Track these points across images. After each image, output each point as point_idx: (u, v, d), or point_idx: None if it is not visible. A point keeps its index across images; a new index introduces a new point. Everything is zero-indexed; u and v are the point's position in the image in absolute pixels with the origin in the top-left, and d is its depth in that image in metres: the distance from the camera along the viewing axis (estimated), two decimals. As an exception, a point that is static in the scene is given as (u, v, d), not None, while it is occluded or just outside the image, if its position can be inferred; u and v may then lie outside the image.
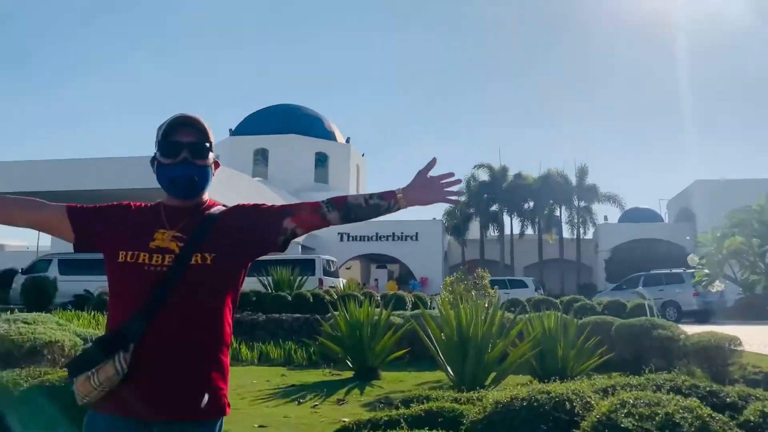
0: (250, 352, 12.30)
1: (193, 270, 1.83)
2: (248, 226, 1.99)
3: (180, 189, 1.94)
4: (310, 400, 7.80)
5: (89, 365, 1.73)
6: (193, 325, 1.82)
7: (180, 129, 1.93)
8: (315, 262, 20.42)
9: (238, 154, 41.64)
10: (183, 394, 1.80)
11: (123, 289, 1.86)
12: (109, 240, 1.91)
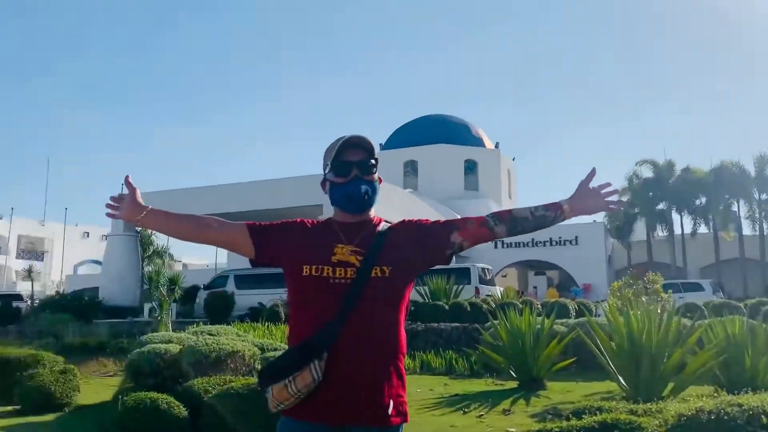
0: (411, 361, 12.49)
1: (373, 282, 1.93)
2: (418, 240, 2.08)
3: (355, 204, 2.06)
4: (475, 409, 7.75)
5: (284, 373, 1.85)
6: (376, 335, 1.92)
7: (349, 149, 2.06)
8: (470, 270, 20.29)
9: (388, 167, 42.72)
10: (372, 401, 1.89)
11: (309, 301, 1.97)
12: (290, 255, 2.04)
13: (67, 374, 8.87)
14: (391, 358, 1.96)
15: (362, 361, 1.89)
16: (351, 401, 1.88)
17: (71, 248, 55.30)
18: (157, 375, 7.13)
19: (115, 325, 17.82)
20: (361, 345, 1.89)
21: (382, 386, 1.91)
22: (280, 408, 1.89)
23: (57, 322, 18.65)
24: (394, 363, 1.98)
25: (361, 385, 1.89)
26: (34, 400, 8.16)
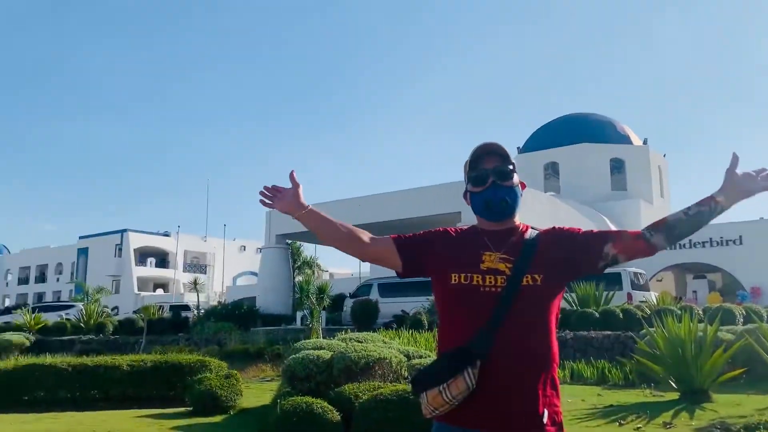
0: (561, 370, 12.08)
1: (524, 290, 1.91)
2: (569, 249, 2.03)
3: (495, 211, 2.05)
4: (632, 421, 7.33)
5: (437, 380, 1.86)
6: (529, 343, 1.89)
7: (484, 157, 2.08)
8: (621, 275, 19.20)
9: (527, 171, 41.63)
10: (526, 410, 1.87)
11: (459, 309, 1.97)
12: (436, 264, 2.06)
13: (231, 379, 9.57)
14: (544, 366, 1.93)
15: (516, 370, 1.87)
16: (505, 409, 1.87)
17: (230, 261, 59.75)
18: (310, 380, 7.48)
19: (270, 332, 18.92)
20: (514, 353, 1.88)
21: (536, 395, 1.88)
22: (435, 414, 1.91)
23: (220, 330, 20.21)
24: (548, 372, 1.94)
25: (515, 393, 1.87)
26: (204, 402, 8.88)
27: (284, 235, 26.02)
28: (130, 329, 22.57)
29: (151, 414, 9.02)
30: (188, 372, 10.17)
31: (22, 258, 66.58)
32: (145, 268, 56.88)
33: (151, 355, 11.42)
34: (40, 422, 8.38)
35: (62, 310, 29.92)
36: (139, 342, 20.05)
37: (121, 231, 56.60)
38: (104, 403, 10.05)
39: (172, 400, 10.16)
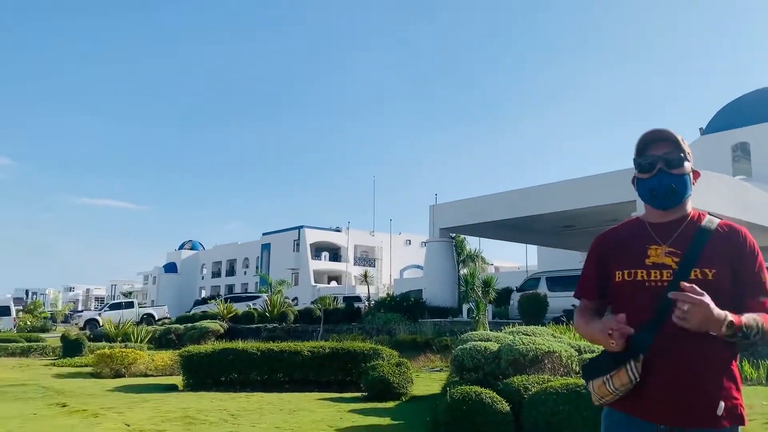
0: (755, 371, 11.00)
1: (697, 285, 1.80)
2: (735, 264, 1.92)
3: (660, 199, 2.00)
4: (844, 430, 6.52)
5: (601, 371, 1.91)
6: (697, 338, 1.82)
7: (652, 144, 2.03)
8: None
9: (712, 153, 38.06)
10: (698, 402, 1.84)
11: (624, 304, 1.96)
12: (607, 270, 2.04)
13: (402, 367, 9.94)
14: (716, 359, 1.87)
15: (681, 363, 1.85)
16: (672, 401, 1.85)
17: (396, 254, 61.58)
18: (478, 370, 7.56)
19: (437, 323, 19.27)
20: (678, 347, 1.85)
21: (705, 387, 1.84)
22: (601, 402, 1.95)
23: (389, 321, 20.96)
24: (721, 364, 1.89)
25: (681, 385, 1.85)
26: (377, 388, 9.32)
27: (448, 229, 26.26)
28: (308, 318, 24.15)
29: (330, 397, 9.65)
30: (362, 359, 10.72)
31: (214, 253, 73.74)
32: (319, 262, 60.43)
33: (329, 343, 12.18)
34: (234, 401, 9.32)
35: (249, 301, 32.76)
36: (317, 330, 21.41)
37: (298, 227, 60.60)
38: (289, 385, 10.93)
39: (348, 384, 10.79)
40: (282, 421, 7.43)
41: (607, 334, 1.85)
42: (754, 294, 1.90)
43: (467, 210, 25.22)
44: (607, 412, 2.01)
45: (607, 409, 2.00)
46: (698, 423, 1.84)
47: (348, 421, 7.48)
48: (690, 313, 1.72)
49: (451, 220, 25.89)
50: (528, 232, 27.60)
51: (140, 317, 33.87)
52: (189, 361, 11.13)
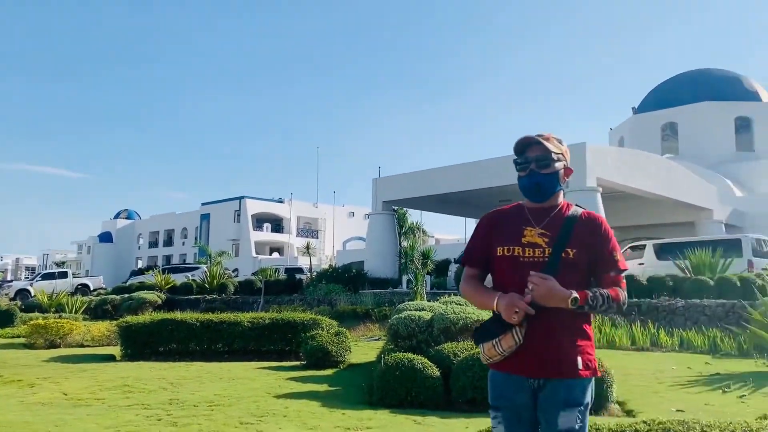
0: (669, 338, 11.83)
1: (562, 262, 2.24)
2: (593, 246, 2.31)
3: (532, 194, 2.39)
4: (738, 389, 7.21)
5: (490, 335, 2.25)
6: (566, 308, 2.19)
7: (528, 147, 2.39)
8: (742, 241, 18.13)
9: (642, 132, 39.62)
10: (561, 358, 2.23)
11: (505, 278, 2.33)
12: (490, 245, 2.41)
13: (341, 336, 10.23)
14: (577, 323, 2.27)
15: (553, 326, 2.23)
16: (545, 358, 2.23)
17: (340, 226, 61.76)
18: (412, 338, 7.93)
19: (377, 294, 19.68)
20: (552, 314, 2.20)
21: (566, 347, 2.23)
22: (489, 362, 2.31)
23: (331, 292, 21.26)
24: (581, 326, 2.29)
25: (553, 344, 2.23)
26: (316, 357, 9.59)
27: (390, 202, 26.62)
28: (249, 290, 24.18)
29: (269, 366, 9.87)
30: (302, 329, 10.97)
31: (152, 223, 72.11)
32: (261, 233, 59.98)
33: (269, 314, 12.35)
34: (174, 370, 9.42)
35: (188, 272, 32.39)
36: (258, 301, 21.51)
37: (239, 198, 59.85)
38: (228, 355, 11.08)
39: (288, 354, 11.03)
40: (221, 389, 7.62)
41: (514, 311, 2.18)
42: (608, 270, 2.31)
43: (409, 184, 25.60)
44: (492, 373, 2.38)
45: (491, 370, 2.37)
46: (562, 374, 2.23)
47: (286, 388, 7.72)
48: (535, 291, 2.16)
49: (394, 193, 26.23)
50: (467, 205, 28.26)
51: (74, 288, 33.01)
52: (127, 332, 11.12)
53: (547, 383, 2.24)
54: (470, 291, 2.42)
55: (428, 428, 5.44)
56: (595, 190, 20.04)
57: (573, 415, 2.21)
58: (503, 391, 2.31)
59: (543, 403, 2.25)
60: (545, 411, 2.24)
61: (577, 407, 2.22)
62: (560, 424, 2.20)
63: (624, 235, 24.85)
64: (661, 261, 18.42)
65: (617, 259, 2.33)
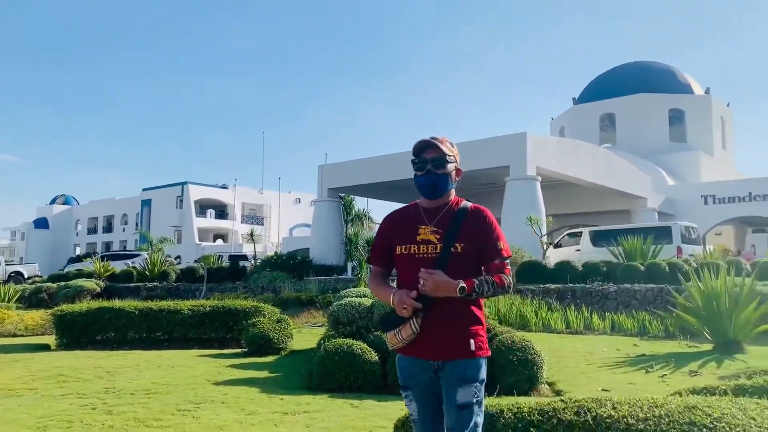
0: (602, 321, 12.32)
1: (452, 256, 2.46)
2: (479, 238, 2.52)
3: (427, 191, 2.59)
4: (660, 369, 7.62)
5: (392, 326, 2.47)
6: (456, 297, 2.42)
7: (425, 149, 2.58)
8: (672, 229, 18.98)
9: (582, 122, 40.75)
10: (456, 342, 2.47)
11: (404, 274, 2.55)
12: (390, 243, 2.61)
13: (283, 323, 10.27)
14: (468, 309, 2.50)
15: (444, 315, 2.46)
16: (441, 343, 2.46)
17: (286, 213, 61.29)
18: (352, 324, 8.04)
19: (322, 282, 19.71)
20: (446, 303, 2.44)
21: (460, 331, 2.47)
22: (393, 348, 2.53)
23: (275, 279, 21.15)
24: (472, 312, 2.52)
25: (448, 331, 2.46)
26: (257, 344, 9.60)
27: (336, 189, 26.62)
28: (191, 277, 23.80)
29: (210, 354, 9.83)
30: (243, 317, 10.94)
31: (91, 209, 69.89)
32: (205, 220, 58.98)
33: (210, 301, 12.26)
34: (111, 358, 9.28)
35: (128, 259, 31.64)
36: (200, 289, 21.23)
37: (181, 183, 58.60)
38: (169, 343, 10.96)
39: (229, 341, 10.99)
40: (159, 377, 7.56)
41: (402, 307, 2.41)
42: (493, 258, 2.54)
43: (356, 171, 25.62)
44: (398, 358, 2.58)
45: (398, 355, 2.57)
46: (457, 356, 2.46)
47: (226, 375, 7.72)
48: (426, 286, 2.38)
49: (340, 180, 26.21)
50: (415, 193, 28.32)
51: (7, 275, 31.80)
52: (62, 320, 10.85)
53: (446, 364, 2.47)
54: (374, 288, 2.65)
55: (365, 411, 5.56)
56: (534, 179, 20.55)
57: (470, 390, 2.45)
58: (411, 372, 2.53)
59: (443, 382, 2.48)
60: (445, 388, 2.47)
61: (473, 383, 2.46)
62: (459, 399, 2.44)
63: (562, 222, 25.57)
64: (596, 248, 19.09)
65: (501, 248, 2.55)
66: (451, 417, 2.45)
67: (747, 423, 2.73)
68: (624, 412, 2.92)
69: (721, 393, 3.57)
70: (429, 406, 2.52)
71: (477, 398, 2.47)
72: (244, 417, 5.34)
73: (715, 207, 31.53)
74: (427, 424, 2.53)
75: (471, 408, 2.45)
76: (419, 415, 2.54)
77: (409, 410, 2.58)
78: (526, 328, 12.02)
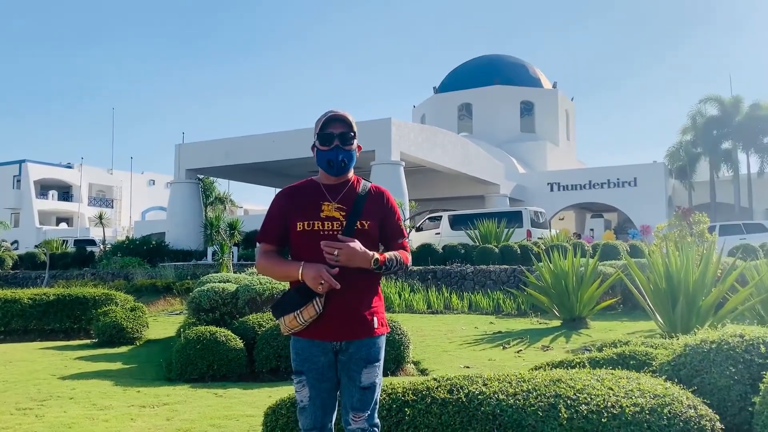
0: (460, 301, 12.85)
1: (357, 233, 2.39)
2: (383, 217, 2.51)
3: (335, 169, 2.47)
4: (515, 345, 8.06)
5: (292, 308, 2.35)
6: (359, 274, 2.37)
7: (332, 123, 2.46)
8: (522, 213, 20.26)
9: (442, 111, 42.23)
10: (360, 320, 2.41)
11: (305, 251, 2.41)
12: (288, 221, 2.48)
13: (137, 311, 9.64)
14: (371, 286, 2.46)
15: (351, 293, 2.37)
16: (345, 322, 2.38)
17: (138, 195, 57.77)
18: (215, 311, 7.71)
19: (180, 267, 18.82)
20: (349, 281, 2.34)
21: (363, 309, 2.41)
22: (291, 332, 2.41)
23: (127, 265, 19.89)
24: (375, 289, 2.49)
25: (352, 309, 2.39)
26: (109, 334, 8.94)
27: (195, 170, 25.50)
28: (31, 264, 21.80)
29: (55, 346, 9.01)
30: (93, 305, 10.14)
31: None
32: (46, 201, 54.06)
33: (54, 289, 11.22)
34: (-65, 356, 8.21)
35: (-46, 244, 28.29)
36: (42, 277, 19.47)
37: (18, 162, 53.27)
38: (5, 336, 9.91)
39: (77, 332, 10.15)
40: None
41: (319, 283, 2.28)
42: (395, 237, 2.54)
43: (216, 151, 24.65)
44: (294, 340, 2.45)
45: (294, 338, 2.45)
46: (361, 334, 2.40)
47: (74, 368, 7.10)
48: (341, 253, 2.29)
49: (199, 161, 25.12)
50: (281, 176, 27.93)
51: None
52: None
53: (349, 344, 2.40)
54: (269, 264, 2.49)
55: (230, 400, 5.34)
56: (398, 163, 20.97)
57: (374, 371, 2.41)
58: (308, 355, 2.41)
59: (346, 363, 2.40)
60: (348, 369, 2.40)
61: (377, 363, 2.43)
62: (363, 380, 2.39)
63: (423, 207, 26.39)
64: (454, 231, 19.92)
65: (402, 228, 2.58)
66: (354, 398, 2.39)
67: (606, 393, 2.91)
68: (495, 388, 3.01)
69: (579, 366, 3.78)
70: (322, 390, 2.42)
71: (379, 378, 2.46)
72: (95, 412, 4.91)
73: (559, 194, 34.05)
74: (318, 411, 2.43)
75: (374, 388, 2.42)
76: (311, 402, 2.42)
77: (299, 397, 2.45)
78: (390, 310, 12.24)
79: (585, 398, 2.87)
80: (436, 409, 2.97)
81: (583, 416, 2.79)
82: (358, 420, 2.39)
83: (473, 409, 2.92)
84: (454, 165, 25.39)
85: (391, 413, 3.01)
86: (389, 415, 3.01)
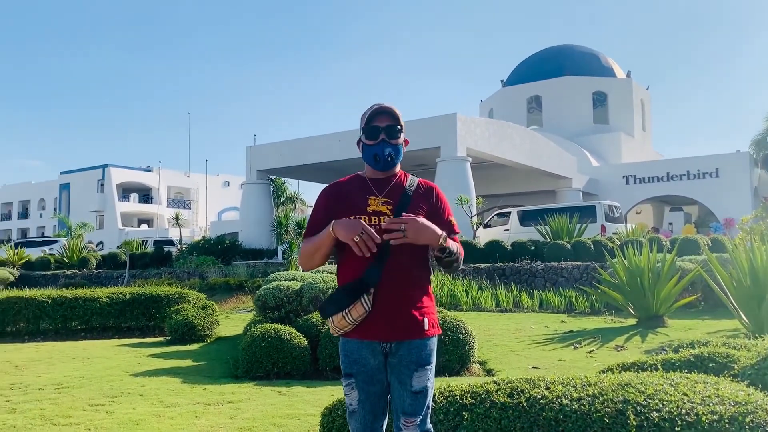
0: (530, 299, 12.51)
1: None
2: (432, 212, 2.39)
3: (381, 164, 2.39)
4: (587, 345, 7.74)
5: (339, 307, 2.25)
6: (409, 270, 2.30)
7: (378, 116, 2.37)
8: (596, 208, 19.55)
9: (510, 105, 41.42)
10: (410, 320, 2.30)
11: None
12: (336, 215, 2.35)
13: (208, 309, 9.88)
14: (421, 285, 2.36)
15: (400, 291, 2.28)
16: (394, 321, 2.28)
17: (214, 196, 59.68)
18: (280, 309, 7.77)
19: (252, 265, 19.22)
20: (397, 278, 2.27)
21: (414, 309, 2.30)
22: (340, 333, 2.31)
23: (202, 264, 20.50)
24: (425, 288, 2.38)
25: (401, 308, 2.29)
26: (181, 331, 9.19)
27: (266, 171, 26.02)
28: (113, 264, 22.80)
29: (130, 343, 9.34)
30: (167, 303, 10.47)
31: (4, 194, 65.96)
32: (128, 204, 56.65)
33: (130, 288, 11.66)
34: (21, 351, 8.66)
35: (45, 246, 30.03)
36: (122, 276, 20.33)
37: (102, 166, 56.06)
38: (86, 333, 10.37)
39: (151, 330, 10.51)
40: (73, 369, 7.08)
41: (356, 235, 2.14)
42: (448, 233, 2.36)
43: (285, 152, 25.07)
44: (343, 342, 2.36)
45: (342, 339, 2.35)
46: (412, 336, 2.30)
47: (146, 365, 7.32)
48: (408, 229, 2.15)
49: (269, 162, 25.62)
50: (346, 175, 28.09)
51: None
52: (-35, 313, 10.07)
53: (399, 346, 2.30)
54: (307, 243, 2.38)
55: (293, 398, 5.34)
56: (464, 159, 20.68)
57: (425, 374, 2.30)
58: (358, 357, 2.33)
59: (396, 366, 2.30)
60: (399, 372, 2.30)
61: (428, 366, 2.32)
62: (414, 384, 2.28)
63: (492, 203, 25.94)
64: (524, 227, 19.45)
65: (453, 223, 2.45)
66: (405, 402, 2.29)
67: (680, 399, 2.67)
68: (558, 392, 2.82)
69: (652, 369, 3.54)
70: (372, 394, 2.32)
71: (431, 381, 2.35)
72: (162, 409, 5.01)
73: (635, 187, 32.74)
74: (368, 415, 2.32)
75: (426, 393, 2.30)
76: (360, 405, 2.32)
77: (348, 400, 2.35)
78: (457, 308, 12.06)
79: (656, 404, 2.65)
80: (496, 414, 2.82)
81: (654, 424, 2.58)
82: (410, 425, 2.28)
83: (534, 414, 2.75)
84: (523, 159, 24.83)
85: (449, 417, 2.89)
86: (446, 419, 2.89)
